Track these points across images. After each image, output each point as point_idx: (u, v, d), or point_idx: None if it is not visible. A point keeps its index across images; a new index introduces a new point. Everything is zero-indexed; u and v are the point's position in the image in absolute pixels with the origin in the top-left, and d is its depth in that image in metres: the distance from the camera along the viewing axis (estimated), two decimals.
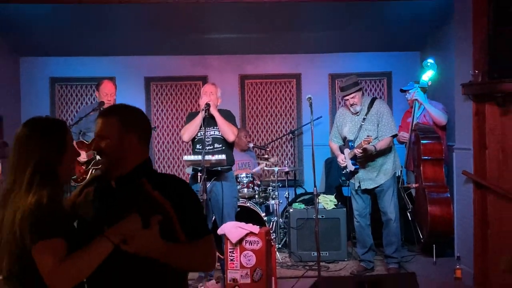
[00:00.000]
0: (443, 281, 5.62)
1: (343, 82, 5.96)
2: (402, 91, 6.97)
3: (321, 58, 8.38)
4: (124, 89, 8.05)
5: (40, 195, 2.34)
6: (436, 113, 6.60)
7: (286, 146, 8.47)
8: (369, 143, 5.52)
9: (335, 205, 6.74)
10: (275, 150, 8.39)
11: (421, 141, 6.53)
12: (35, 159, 2.41)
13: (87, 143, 6.00)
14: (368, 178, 5.87)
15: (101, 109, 5.96)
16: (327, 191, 7.61)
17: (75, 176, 5.99)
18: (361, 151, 5.60)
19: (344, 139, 5.98)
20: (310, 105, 5.61)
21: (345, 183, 6.15)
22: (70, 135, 2.55)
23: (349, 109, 5.92)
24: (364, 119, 5.84)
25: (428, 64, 6.56)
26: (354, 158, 5.79)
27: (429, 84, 6.56)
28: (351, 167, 5.83)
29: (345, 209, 6.65)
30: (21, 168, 2.40)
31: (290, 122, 8.45)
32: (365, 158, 5.77)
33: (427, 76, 6.51)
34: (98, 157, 5.86)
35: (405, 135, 6.78)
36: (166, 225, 2.30)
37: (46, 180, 2.38)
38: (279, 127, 8.46)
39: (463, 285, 5.50)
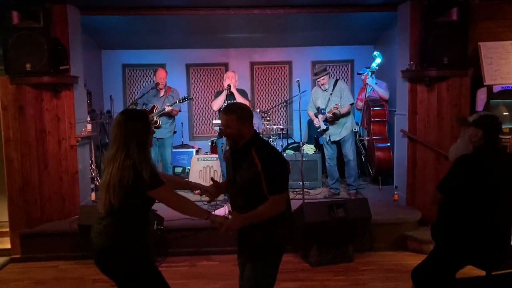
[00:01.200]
0: (385, 202, 5.68)
1: (316, 69, 5.97)
2: (358, 74, 7.00)
3: (305, 50, 8.25)
4: (172, 72, 8.01)
5: (141, 157, 2.51)
6: (381, 92, 6.60)
7: (281, 111, 8.44)
8: (336, 109, 5.57)
9: (314, 151, 6.77)
10: (274, 114, 8.37)
11: (371, 108, 6.55)
12: (136, 137, 2.53)
13: (147, 110, 5.99)
14: (335, 134, 5.89)
15: (157, 88, 5.98)
16: (308, 142, 7.63)
17: None
18: (331, 115, 5.66)
19: (318, 108, 5.98)
20: (298, 85, 5.63)
21: (319, 137, 6.17)
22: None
23: (320, 87, 5.91)
24: (331, 94, 5.84)
25: (375, 54, 6.57)
26: (325, 120, 5.84)
27: (377, 68, 6.57)
28: (323, 126, 5.87)
29: (320, 154, 6.67)
30: (125, 141, 2.51)
31: (284, 94, 8.38)
32: (333, 119, 5.80)
33: (375, 63, 6.53)
34: (155, 119, 5.90)
35: (360, 104, 6.79)
36: (257, 178, 2.61)
37: (142, 150, 2.55)
38: (276, 98, 8.41)
39: (399, 205, 5.57)
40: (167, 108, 5.85)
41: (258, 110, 7.68)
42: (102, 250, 2.55)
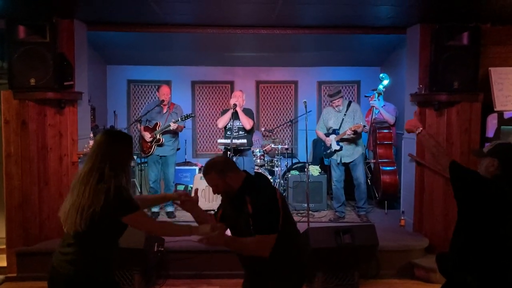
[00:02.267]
0: (392, 228, 5.55)
1: (332, 90, 5.90)
2: (366, 97, 6.96)
3: (312, 70, 8.22)
4: (177, 89, 8.00)
5: (116, 182, 2.35)
6: (387, 116, 6.53)
7: (286, 130, 8.37)
8: (359, 128, 5.62)
9: (319, 172, 6.67)
10: (279, 133, 8.30)
11: (377, 131, 6.48)
12: (113, 159, 2.40)
13: (150, 127, 5.94)
14: (347, 155, 5.83)
15: (161, 105, 5.91)
16: (313, 162, 7.55)
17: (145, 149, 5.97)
18: (352, 132, 5.64)
19: (328, 129, 5.94)
20: (305, 106, 5.60)
21: (328, 158, 6.09)
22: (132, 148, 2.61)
23: (334, 108, 5.89)
24: (344, 114, 5.81)
25: (383, 76, 6.57)
26: (339, 140, 5.79)
27: (383, 90, 6.54)
28: (336, 147, 5.81)
29: (325, 175, 6.57)
30: (101, 163, 2.38)
31: (289, 114, 8.33)
32: (348, 140, 5.76)
33: (382, 84, 6.52)
34: (158, 137, 5.82)
35: (367, 126, 6.73)
36: (247, 220, 2.54)
37: (118, 174, 2.40)
38: (282, 117, 8.35)
39: (406, 231, 5.45)
40: (172, 125, 5.76)
41: (263, 129, 7.63)
42: (68, 279, 2.38)
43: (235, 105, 5.55)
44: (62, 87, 4.77)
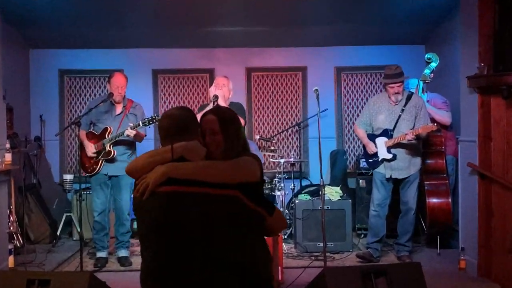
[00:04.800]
0: (448, 272, 5.61)
1: (392, 70, 5.88)
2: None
3: (326, 51, 8.37)
4: (132, 81, 8.01)
5: None
6: (440, 115, 6.59)
7: (292, 138, 8.46)
8: (426, 130, 5.70)
9: (340, 196, 6.73)
10: (281, 142, 8.37)
11: None
12: None
13: (97, 134, 5.98)
14: (400, 168, 5.89)
15: (110, 100, 5.96)
16: (332, 183, 7.61)
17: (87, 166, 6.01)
18: (415, 137, 5.69)
19: (376, 128, 6.03)
20: (317, 97, 5.64)
21: (369, 172, 6.12)
22: None
23: (390, 97, 5.93)
24: (402, 110, 5.88)
25: (430, 57, 6.68)
26: (390, 147, 5.85)
27: (431, 76, 6.61)
28: (387, 156, 5.87)
29: (350, 200, 6.64)
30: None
31: (296, 115, 8.43)
32: (404, 147, 5.84)
33: (429, 69, 6.62)
34: (108, 148, 5.86)
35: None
36: None
37: None
38: (285, 120, 8.45)
39: (467, 276, 5.49)
40: (129, 132, 5.74)
41: (257, 137, 7.69)
42: None
43: (215, 96, 5.56)
44: None
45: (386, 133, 5.91)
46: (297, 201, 6.72)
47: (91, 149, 5.95)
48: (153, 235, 2.63)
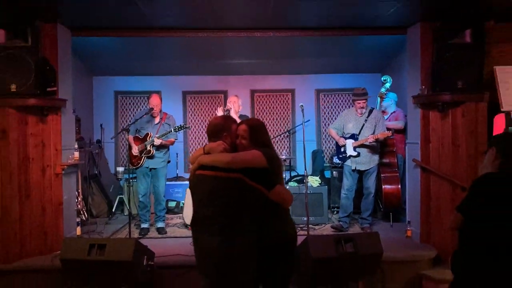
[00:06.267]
0: (398, 239, 5.55)
1: (359, 90, 5.90)
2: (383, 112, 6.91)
3: (309, 78, 8.34)
4: (167, 99, 8.05)
5: None
6: (395, 124, 6.55)
7: (284, 141, 8.41)
8: (386, 136, 5.70)
9: (319, 183, 6.67)
10: (276, 144, 8.33)
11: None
12: None
13: (140, 138, 5.96)
14: (363, 162, 5.86)
15: (151, 113, 5.93)
16: (313, 174, 7.56)
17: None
18: (375, 140, 5.70)
19: (346, 133, 6.00)
20: (302, 111, 5.61)
21: (340, 165, 6.08)
22: None
23: (357, 111, 5.92)
24: (366, 120, 5.85)
25: (385, 79, 6.70)
26: (356, 147, 5.84)
27: (385, 92, 6.67)
28: (353, 153, 5.84)
29: (326, 186, 6.57)
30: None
31: (287, 124, 8.39)
32: (366, 147, 5.80)
33: (384, 87, 6.67)
34: (148, 148, 5.83)
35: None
36: None
37: None
38: (279, 127, 8.40)
39: (412, 241, 5.44)
40: (156, 141, 5.78)
41: None
42: None
43: (228, 110, 5.57)
44: (45, 93, 4.80)
45: (353, 137, 5.88)
46: (287, 187, 6.66)
47: (135, 150, 5.93)
48: (194, 197, 3.01)
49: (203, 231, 2.92)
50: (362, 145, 5.80)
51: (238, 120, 5.46)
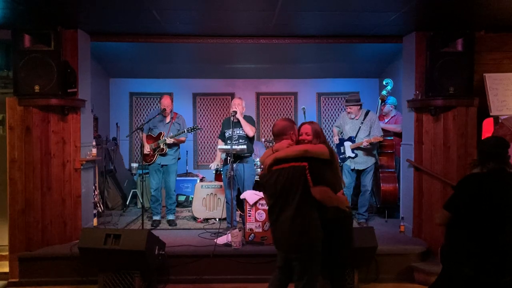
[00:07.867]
0: (392, 233, 5.58)
1: (349, 96, 5.97)
2: (383, 115, 6.94)
3: (311, 82, 8.36)
4: (179, 100, 8.12)
5: None
6: (393, 127, 6.59)
7: None
8: (377, 141, 5.73)
9: None
10: None
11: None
12: None
13: (153, 136, 6.02)
14: (360, 162, 5.91)
15: (162, 113, 6.00)
16: None
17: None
18: (368, 144, 5.73)
19: (342, 133, 6.08)
20: (304, 113, 5.67)
21: (340, 164, 6.12)
22: None
23: (347, 115, 5.99)
24: (362, 123, 5.90)
25: (387, 82, 6.70)
26: (353, 148, 5.89)
27: (387, 94, 6.65)
28: (351, 154, 5.90)
29: None
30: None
31: None
32: (362, 149, 5.84)
33: (385, 90, 6.66)
34: (161, 146, 5.90)
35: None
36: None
37: None
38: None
39: (405, 236, 5.48)
40: (168, 140, 5.88)
41: (263, 140, 7.68)
42: None
43: (234, 112, 5.61)
44: (66, 94, 4.88)
45: (351, 139, 5.93)
46: None
47: (147, 148, 6.00)
48: (268, 190, 3.30)
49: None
50: (359, 147, 5.85)
51: (242, 122, 5.57)
